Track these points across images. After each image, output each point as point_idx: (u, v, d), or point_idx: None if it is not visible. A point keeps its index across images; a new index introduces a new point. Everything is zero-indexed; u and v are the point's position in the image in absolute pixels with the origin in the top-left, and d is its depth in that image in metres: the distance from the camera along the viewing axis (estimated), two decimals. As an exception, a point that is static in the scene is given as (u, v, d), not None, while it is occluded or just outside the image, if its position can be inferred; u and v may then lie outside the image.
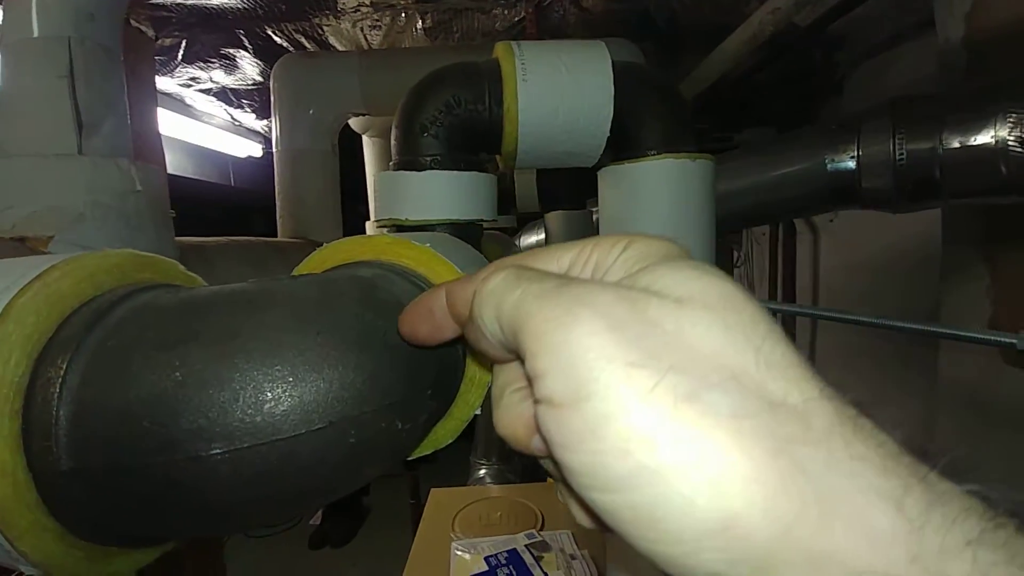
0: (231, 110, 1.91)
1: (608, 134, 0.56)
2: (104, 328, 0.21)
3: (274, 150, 1.16)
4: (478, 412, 0.33)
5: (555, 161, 0.60)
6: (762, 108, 2.16)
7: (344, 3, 1.18)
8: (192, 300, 0.23)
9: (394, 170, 0.57)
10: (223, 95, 1.75)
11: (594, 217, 1.17)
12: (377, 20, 1.27)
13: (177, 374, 0.19)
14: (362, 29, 1.34)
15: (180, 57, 1.41)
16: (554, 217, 1.20)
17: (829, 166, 1.01)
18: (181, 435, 0.19)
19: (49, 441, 0.20)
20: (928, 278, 1.37)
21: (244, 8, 1.17)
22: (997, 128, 0.71)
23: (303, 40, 1.36)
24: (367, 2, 1.19)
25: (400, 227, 0.55)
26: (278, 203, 1.16)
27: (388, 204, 0.57)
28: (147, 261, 0.25)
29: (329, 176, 1.17)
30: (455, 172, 0.55)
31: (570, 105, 0.54)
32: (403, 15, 1.25)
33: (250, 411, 0.19)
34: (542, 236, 1.36)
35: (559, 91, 0.54)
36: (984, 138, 0.73)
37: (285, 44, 1.37)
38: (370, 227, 1.64)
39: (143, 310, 0.22)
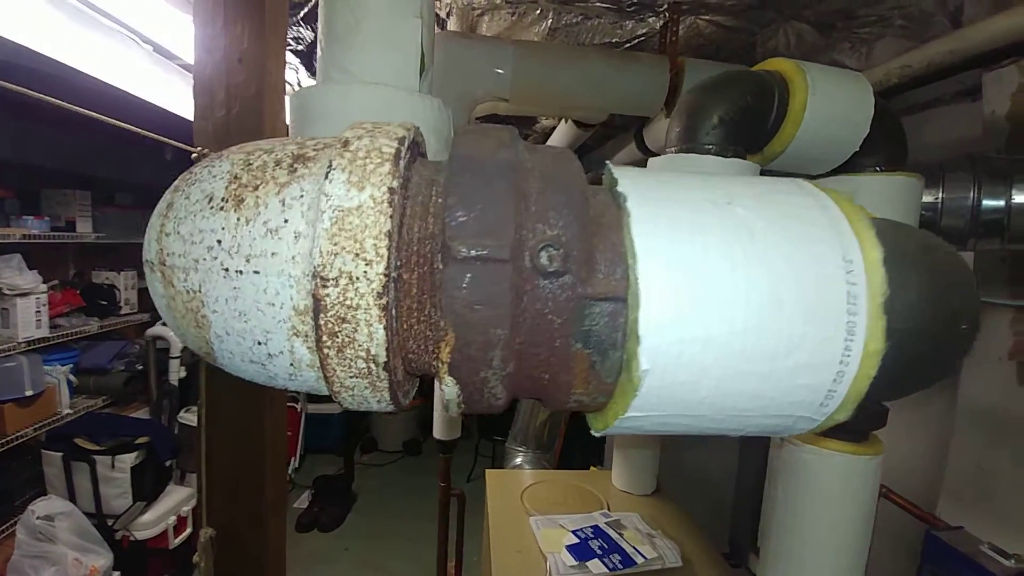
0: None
1: (856, 149, 0.67)
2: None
3: (414, 120, 1.19)
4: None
5: (799, 165, 0.70)
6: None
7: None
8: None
9: (676, 154, 0.65)
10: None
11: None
12: (511, 13, 1.33)
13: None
14: (482, 14, 1.39)
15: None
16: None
17: (913, 204, 1.19)
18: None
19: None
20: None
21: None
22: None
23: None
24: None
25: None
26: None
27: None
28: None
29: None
30: (736, 159, 0.64)
31: (841, 120, 0.65)
32: (538, 12, 1.32)
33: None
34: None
35: (837, 108, 0.64)
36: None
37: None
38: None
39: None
